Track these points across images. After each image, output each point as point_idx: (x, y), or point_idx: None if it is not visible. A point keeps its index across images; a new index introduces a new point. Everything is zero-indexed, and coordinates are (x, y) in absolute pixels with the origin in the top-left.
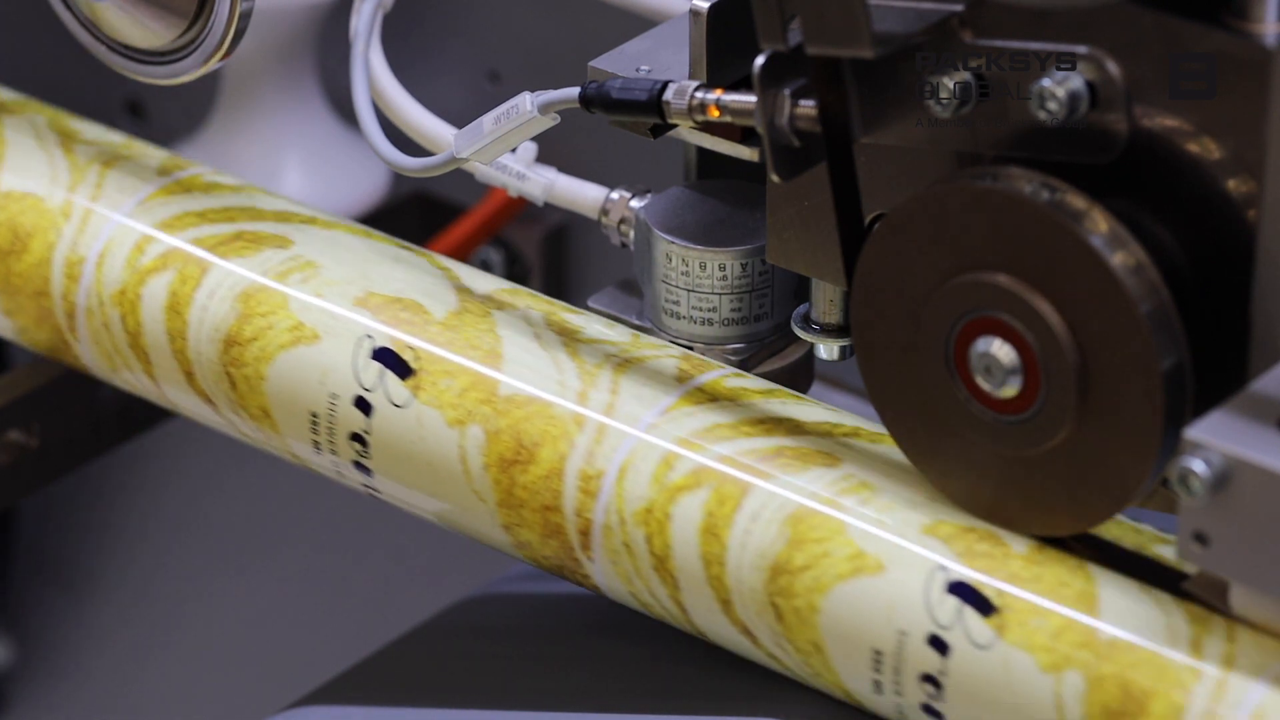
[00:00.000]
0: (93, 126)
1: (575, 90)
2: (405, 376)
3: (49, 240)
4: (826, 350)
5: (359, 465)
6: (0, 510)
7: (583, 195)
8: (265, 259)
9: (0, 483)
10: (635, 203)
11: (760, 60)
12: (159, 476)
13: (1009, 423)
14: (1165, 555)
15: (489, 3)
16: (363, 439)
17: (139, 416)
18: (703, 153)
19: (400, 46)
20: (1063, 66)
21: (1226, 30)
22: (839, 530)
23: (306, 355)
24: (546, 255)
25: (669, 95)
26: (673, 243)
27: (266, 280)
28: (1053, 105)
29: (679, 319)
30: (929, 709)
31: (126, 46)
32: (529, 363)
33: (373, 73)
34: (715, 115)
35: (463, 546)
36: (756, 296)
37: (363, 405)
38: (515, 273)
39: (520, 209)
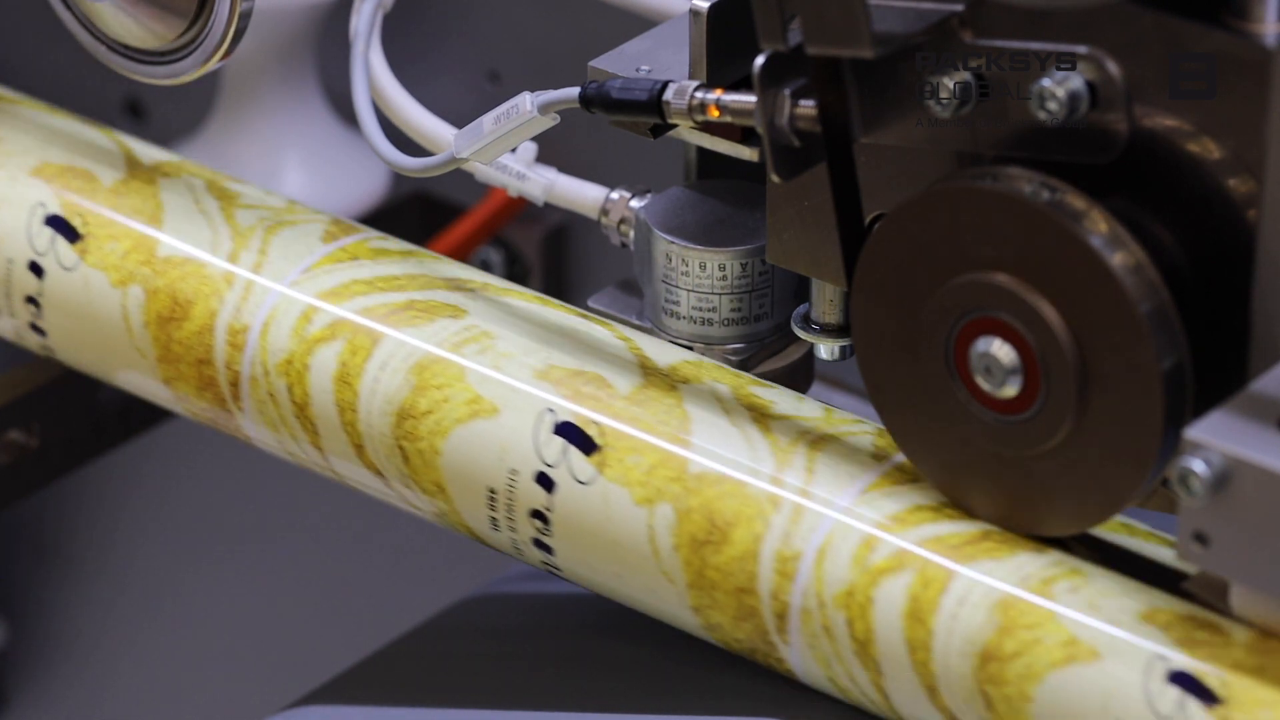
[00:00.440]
0: (252, 189)
1: (575, 90)
2: (589, 452)
3: (211, 307)
4: (826, 350)
5: (538, 543)
6: (0, 510)
7: (583, 195)
8: (439, 329)
9: (0, 483)
10: (635, 203)
11: (760, 60)
12: (159, 476)
13: (1009, 423)
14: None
15: (489, 3)
16: (544, 516)
17: (139, 416)
18: (703, 153)
19: (400, 46)
20: (1063, 66)
21: (1226, 30)
22: (1050, 618)
23: (481, 429)
24: (546, 255)
25: (669, 95)
26: (673, 243)
27: (442, 351)
28: (1053, 105)
29: (679, 319)
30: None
31: (126, 46)
32: (719, 440)
33: (373, 73)
34: (715, 115)
35: (463, 546)
36: (756, 296)
37: (544, 481)
38: (515, 273)
39: (520, 209)
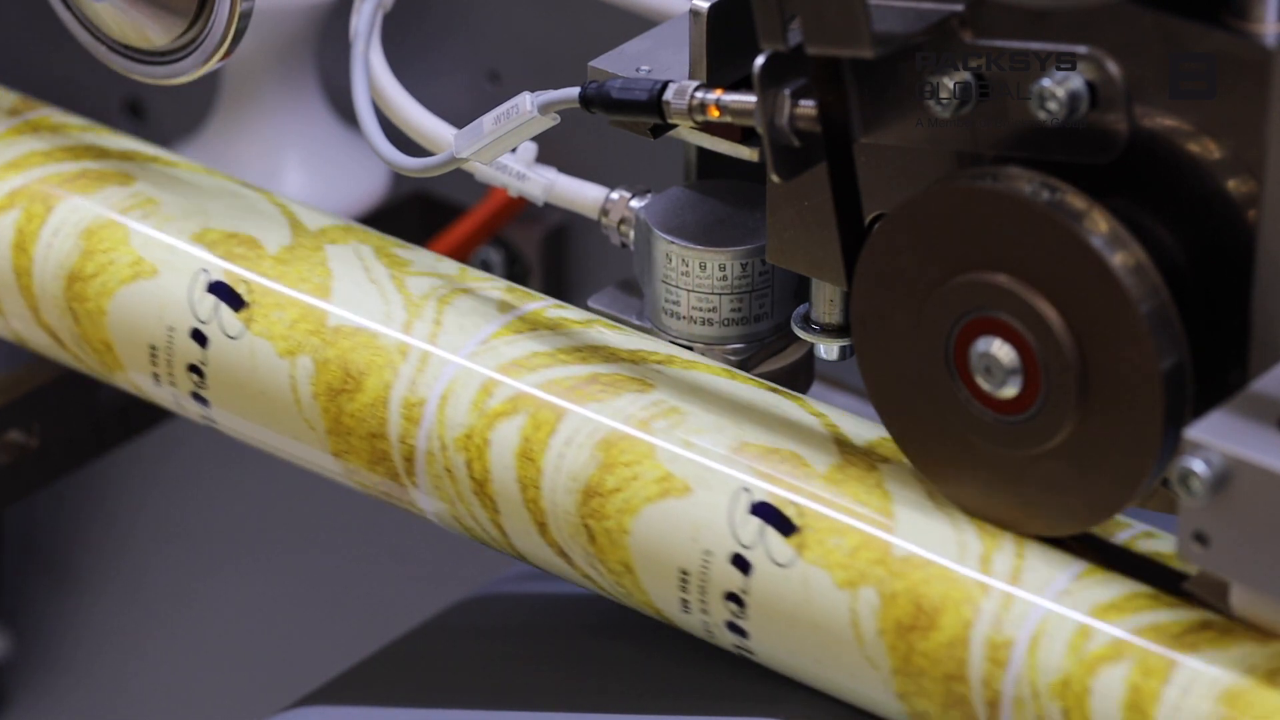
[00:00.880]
0: (422, 255)
1: (575, 90)
2: (788, 534)
3: (385, 379)
4: (826, 350)
5: (732, 626)
6: (0, 510)
7: (583, 195)
8: (624, 403)
9: (0, 483)
10: (635, 203)
11: (760, 60)
12: (159, 476)
13: (1009, 423)
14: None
15: (489, 3)
16: (739, 599)
17: (139, 417)
18: (703, 153)
19: (400, 46)
20: (1063, 66)
21: (1226, 30)
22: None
23: (672, 507)
24: (546, 255)
25: (669, 95)
26: (673, 243)
27: (629, 429)
28: (1053, 105)
29: (679, 319)
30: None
31: (126, 46)
32: (927, 527)
33: (373, 73)
34: (715, 115)
35: (463, 546)
36: (756, 296)
37: (740, 563)
38: (515, 273)
39: (520, 209)
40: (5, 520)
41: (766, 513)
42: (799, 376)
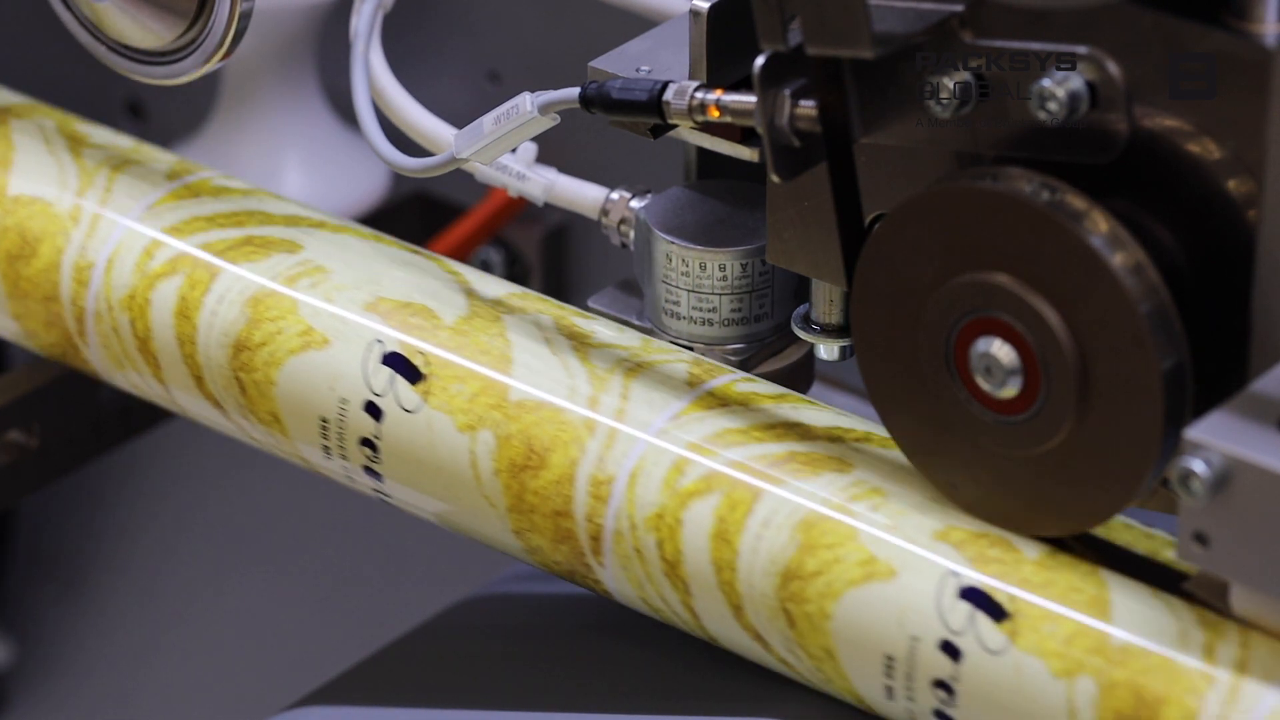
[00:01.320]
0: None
1: (575, 90)
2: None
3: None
4: (826, 350)
5: (940, 715)
6: (0, 510)
7: (583, 195)
8: (823, 483)
9: (0, 483)
10: (635, 203)
11: (760, 60)
12: (159, 476)
13: (1009, 423)
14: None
15: (489, 3)
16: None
17: (139, 416)
18: (703, 153)
19: (400, 46)
20: (1063, 66)
21: (1226, 30)
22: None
23: (877, 592)
24: (546, 255)
25: (669, 95)
26: (673, 243)
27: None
28: (1053, 105)
29: (679, 319)
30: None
31: (126, 46)
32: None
33: (373, 73)
34: (715, 115)
35: (463, 546)
36: (756, 296)
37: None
38: (515, 273)
39: (520, 209)
40: (5, 520)
41: (974, 597)
42: (799, 376)
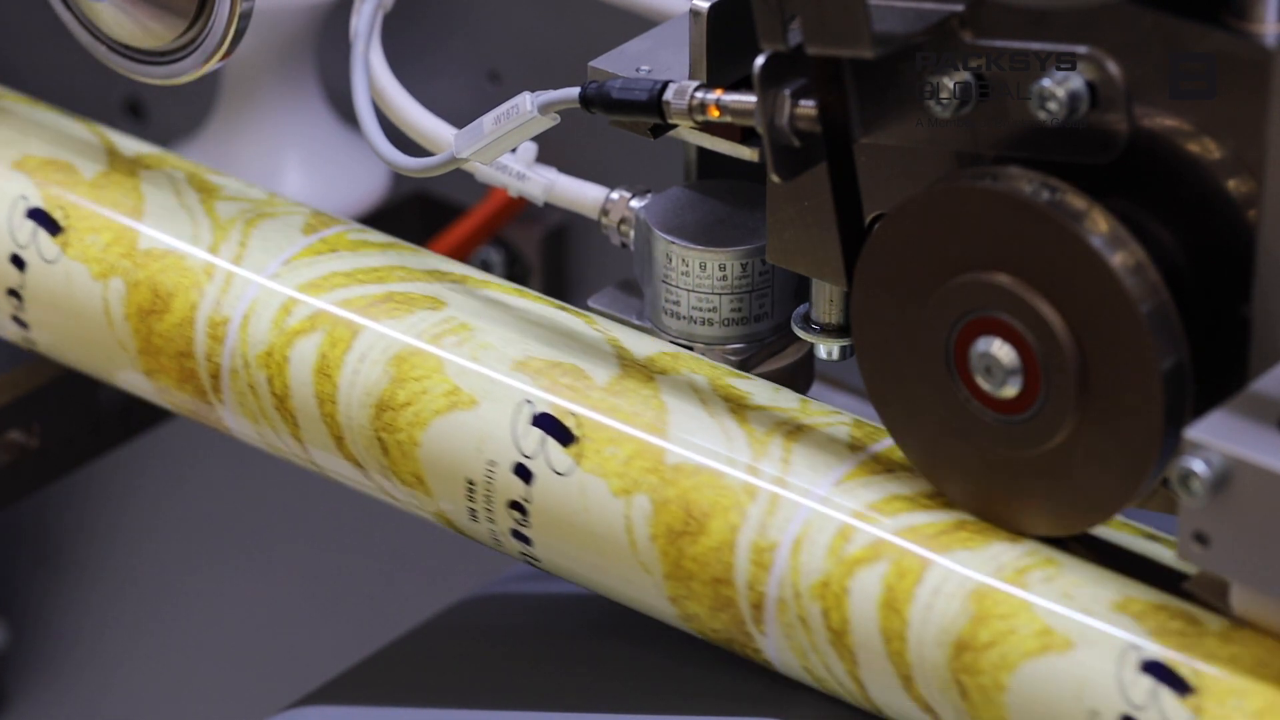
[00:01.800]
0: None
1: (575, 90)
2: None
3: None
4: (826, 350)
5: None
6: (0, 510)
7: (583, 195)
8: (994, 553)
9: (0, 483)
10: (635, 203)
11: (760, 60)
12: (159, 476)
13: (1009, 423)
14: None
15: (489, 3)
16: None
17: (139, 416)
18: (703, 153)
19: (400, 46)
20: (1063, 66)
21: (1226, 30)
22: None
23: (1051, 664)
24: (546, 255)
25: (669, 95)
26: (673, 243)
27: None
28: (1053, 105)
29: (679, 319)
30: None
31: (126, 46)
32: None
33: (373, 73)
34: (715, 115)
35: (463, 546)
36: (756, 296)
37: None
38: (515, 273)
39: (520, 209)
40: (5, 520)
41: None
42: (799, 376)
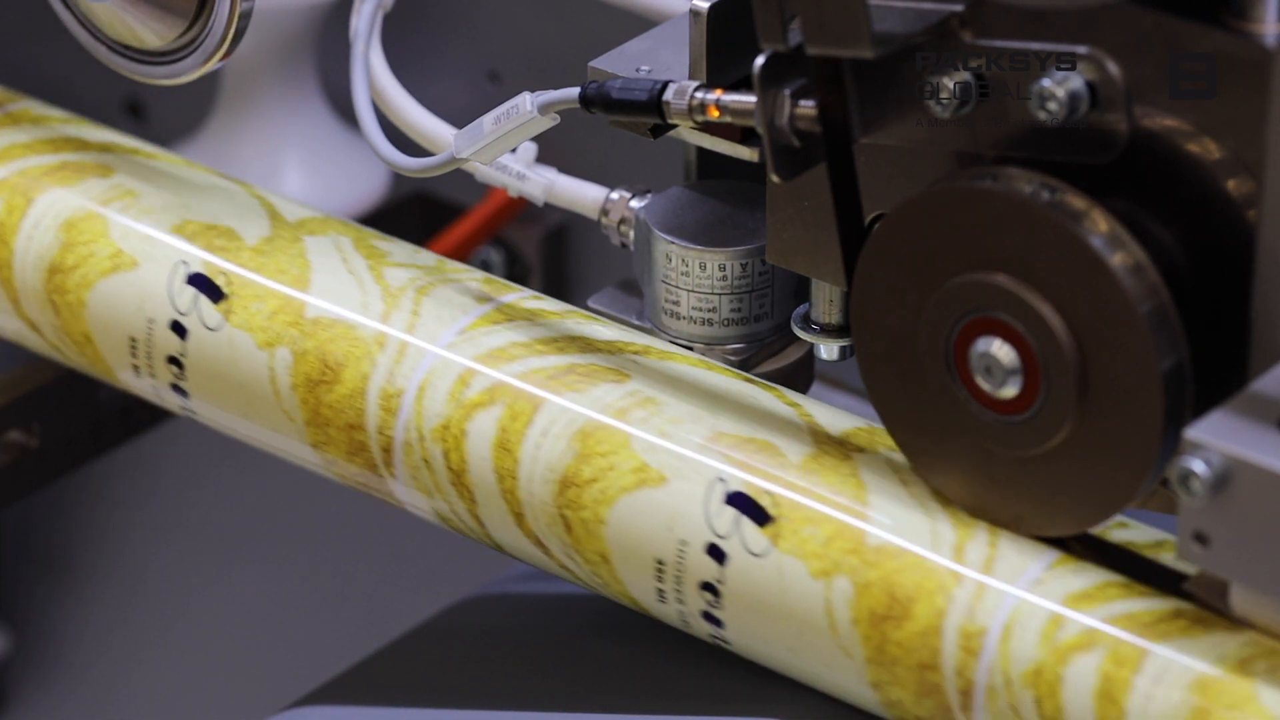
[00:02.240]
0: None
1: (575, 90)
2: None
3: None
4: (826, 350)
5: (707, 615)
6: (0, 510)
7: (583, 195)
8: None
9: (0, 483)
10: (635, 203)
11: (760, 60)
12: (159, 476)
13: (1009, 423)
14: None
15: (489, 3)
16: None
17: (139, 416)
18: (703, 153)
19: (400, 46)
20: (1063, 66)
21: (1226, 30)
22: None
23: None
24: (546, 255)
25: (669, 95)
26: (673, 243)
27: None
28: (1053, 105)
29: (679, 319)
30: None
31: (126, 46)
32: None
33: (373, 73)
34: (715, 115)
35: (463, 547)
36: (756, 296)
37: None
38: (515, 273)
39: (520, 209)
40: (5, 520)
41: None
42: (799, 376)
